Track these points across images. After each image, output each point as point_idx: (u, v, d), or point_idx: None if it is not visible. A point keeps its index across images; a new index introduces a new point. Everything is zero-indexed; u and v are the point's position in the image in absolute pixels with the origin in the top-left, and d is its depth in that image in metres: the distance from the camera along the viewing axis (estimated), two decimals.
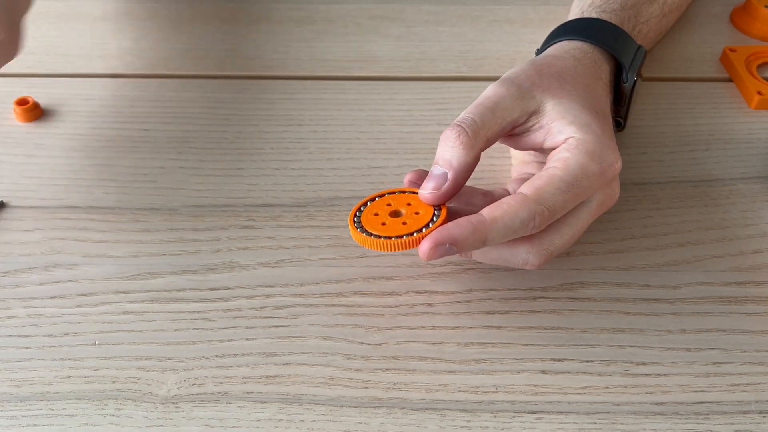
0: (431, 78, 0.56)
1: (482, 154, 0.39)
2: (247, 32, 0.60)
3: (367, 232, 0.37)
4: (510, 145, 0.41)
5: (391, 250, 0.36)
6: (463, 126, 0.36)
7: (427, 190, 0.37)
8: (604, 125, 0.38)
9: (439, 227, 0.35)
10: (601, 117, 0.39)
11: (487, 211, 0.35)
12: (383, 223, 0.37)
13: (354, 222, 0.38)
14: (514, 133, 0.39)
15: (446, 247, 0.34)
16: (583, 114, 0.38)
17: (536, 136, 0.39)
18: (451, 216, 0.37)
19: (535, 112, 0.38)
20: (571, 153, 0.36)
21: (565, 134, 0.37)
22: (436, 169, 0.37)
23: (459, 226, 0.34)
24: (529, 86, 0.39)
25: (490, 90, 0.39)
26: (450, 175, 0.37)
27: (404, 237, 0.36)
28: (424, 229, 0.36)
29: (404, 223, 0.37)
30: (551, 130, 0.38)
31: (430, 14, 0.62)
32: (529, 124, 0.39)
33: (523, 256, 0.37)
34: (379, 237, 0.36)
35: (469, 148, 0.36)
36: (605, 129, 0.38)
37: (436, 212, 0.37)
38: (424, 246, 0.34)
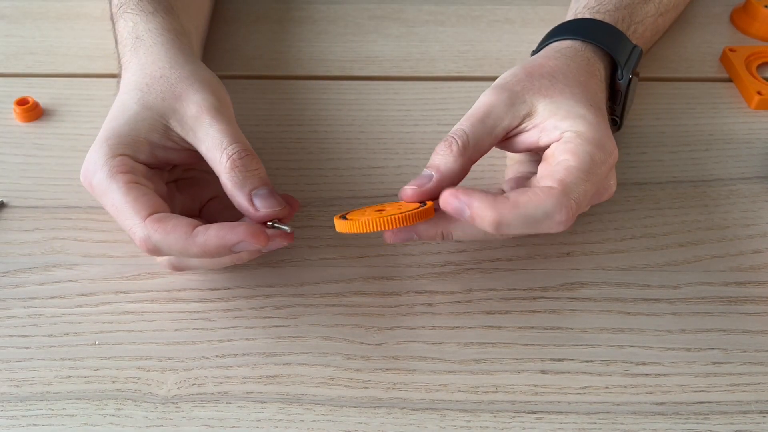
0: (431, 78, 0.56)
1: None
2: (247, 32, 0.60)
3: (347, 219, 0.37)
4: (506, 149, 0.41)
5: (365, 230, 0.35)
6: (454, 137, 0.38)
7: (409, 186, 0.37)
8: (599, 116, 0.39)
9: (465, 190, 0.35)
10: (596, 109, 0.39)
11: (512, 194, 0.35)
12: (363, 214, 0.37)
13: (340, 218, 0.38)
14: (509, 136, 0.39)
15: (460, 205, 0.35)
16: (577, 107, 0.38)
17: (530, 135, 0.39)
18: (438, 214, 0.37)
19: (527, 115, 0.39)
20: (573, 143, 0.36)
21: (560, 129, 0.37)
22: (424, 172, 0.38)
23: (481, 194, 0.34)
24: (519, 90, 0.39)
25: (482, 99, 0.39)
26: (435, 177, 0.37)
27: (379, 218, 0.35)
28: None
29: (382, 211, 0.37)
30: (545, 127, 0.38)
31: (430, 14, 0.62)
32: (523, 125, 0.39)
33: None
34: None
35: (458, 156, 0.37)
36: (600, 119, 0.38)
37: (420, 207, 0.37)
38: (445, 194, 0.35)
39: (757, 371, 0.37)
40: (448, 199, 0.35)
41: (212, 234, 0.35)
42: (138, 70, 0.41)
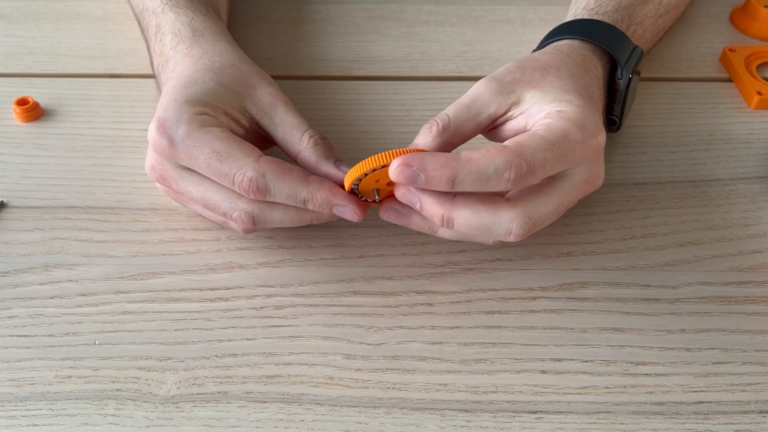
0: (431, 78, 0.56)
1: None
2: (247, 32, 0.60)
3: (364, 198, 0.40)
4: (495, 139, 0.41)
5: (366, 169, 0.36)
6: (437, 120, 0.39)
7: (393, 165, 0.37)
8: (588, 101, 0.39)
9: (415, 156, 0.35)
10: (585, 97, 0.39)
11: (464, 153, 0.36)
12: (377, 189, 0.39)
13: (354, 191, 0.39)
14: (496, 125, 0.40)
15: (413, 171, 0.35)
16: (564, 94, 0.39)
17: (517, 122, 0.39)
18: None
19: (515, 104, 0.40)
20: (552, 119, 0.37)
21: (545, 111, 0.38)
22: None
23: (432, 156, 0.35)
24: (509, 81, 0.40)
25: (472, 88, 0.40)
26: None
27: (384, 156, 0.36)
28: None
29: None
30: (532, 113, 0.39)
31: (430, 14, 0.62)
32: (510, 113, 0.40)
33: (507, 224, 0.36)
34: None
35: (436, 136, 0.38)
36: (588, 104, 0.39)
37: None
38: (394, 164, 0.35)
39: (757, 371, 0.37)
40: (399, 168, 0.35)
41: (326, 188, 0.38)
42: (204, 56, 0.43)
